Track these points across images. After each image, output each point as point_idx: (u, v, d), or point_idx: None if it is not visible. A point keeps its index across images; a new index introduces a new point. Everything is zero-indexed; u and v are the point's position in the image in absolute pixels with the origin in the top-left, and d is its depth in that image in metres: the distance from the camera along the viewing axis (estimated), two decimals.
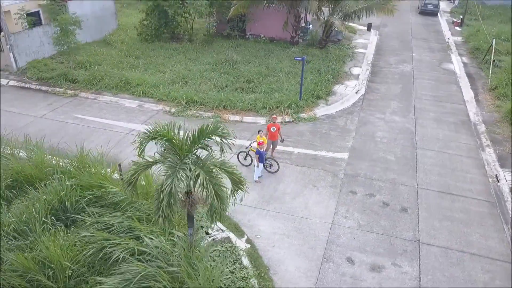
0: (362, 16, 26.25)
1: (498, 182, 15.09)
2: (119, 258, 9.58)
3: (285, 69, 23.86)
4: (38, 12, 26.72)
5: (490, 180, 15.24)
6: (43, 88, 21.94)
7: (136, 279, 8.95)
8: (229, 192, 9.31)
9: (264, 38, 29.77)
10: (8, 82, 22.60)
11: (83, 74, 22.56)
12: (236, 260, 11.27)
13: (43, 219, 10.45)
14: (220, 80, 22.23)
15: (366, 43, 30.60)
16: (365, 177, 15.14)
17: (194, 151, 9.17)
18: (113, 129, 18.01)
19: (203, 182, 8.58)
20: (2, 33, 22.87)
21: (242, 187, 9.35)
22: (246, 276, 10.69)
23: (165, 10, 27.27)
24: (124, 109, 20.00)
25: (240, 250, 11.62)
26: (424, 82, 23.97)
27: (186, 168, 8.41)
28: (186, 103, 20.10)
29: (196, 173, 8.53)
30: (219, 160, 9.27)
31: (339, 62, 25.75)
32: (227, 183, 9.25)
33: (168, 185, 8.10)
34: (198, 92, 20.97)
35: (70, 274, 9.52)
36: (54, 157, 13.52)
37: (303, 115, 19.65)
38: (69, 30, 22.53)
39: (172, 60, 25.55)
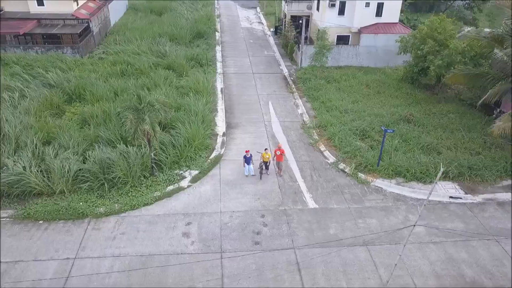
0: None
1: None
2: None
3: (437, 144, 23.52)
4: (348, 36, 37.26)
5: None
6: (284, 82, 33.48)
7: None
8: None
9: None
10: (286, 72, 35.62)
11: (312, 83, 32.02)
12: (170, 183, 20.49)
13: None
14: (364, 124, 25.63)
15: None
16: (288, 225, 18.38)
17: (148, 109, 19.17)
18: (258, 120, 27.75)
19: (147, 121, 18.83)
20: (301, 43, 35.54)
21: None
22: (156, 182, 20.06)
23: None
24: (288, 108, 28.80)
25: (177, 184, 20.53)
26: None
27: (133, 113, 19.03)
28: (311, 126, 26.24)
29: (138, 118, 18.94)
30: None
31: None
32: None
33: (125, 117, 19.08)
34: (337, 123, 26.00)
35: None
36: None
37: (361, 175, 21.53)
38: (323, 52, 32.16)
39: (382, 99, 29.70)
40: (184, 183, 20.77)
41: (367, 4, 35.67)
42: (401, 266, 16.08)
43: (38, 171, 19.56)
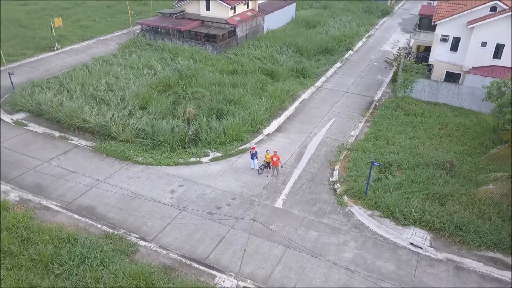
0: None
1: None
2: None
3: (448, 196, 22.45)
4: (459, 74, 35.41)
5: None
6: (366, 105, 34.47)
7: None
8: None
9: None
10: (377, 97, 36.38)
11: (387, 111, 32.38)
12: (195, 156, 26.45)
13: None
14: (395, 157, 25.72)
15: None
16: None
17: (188, 97, 25.43)
18: (306, 131, 30.49)
19: (185, 105, 25.39)
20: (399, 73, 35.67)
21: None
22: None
23: None
24: (345, 128, 30.40)
25: (199, 159, 26.28)
26: None
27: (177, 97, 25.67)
28: (347, 147, 27.68)
29: (180, 101, 25.52)
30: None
31: None
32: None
33: (171, 99, 25.93)
34: (371, 151, 26.86)
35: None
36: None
37: (345, 198, 22.88)
38: (407, 84, 32.16)
39: (445, 142, 28.20)
40: (204, 159, 26.36)
41: (484, 44, 32.99)
42: (297, 271, 18.08)
43: (120, 123, 28.33)
